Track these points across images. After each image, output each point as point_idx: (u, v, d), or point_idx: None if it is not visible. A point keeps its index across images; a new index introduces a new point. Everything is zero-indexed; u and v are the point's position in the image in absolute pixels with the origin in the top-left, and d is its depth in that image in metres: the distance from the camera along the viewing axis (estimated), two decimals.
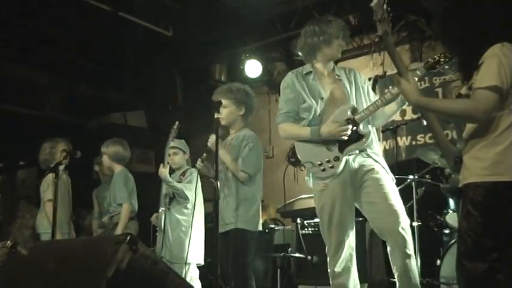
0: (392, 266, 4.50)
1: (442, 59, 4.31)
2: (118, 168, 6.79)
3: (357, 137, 4.54)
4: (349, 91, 4.74)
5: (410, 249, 4.41)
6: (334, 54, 4.80)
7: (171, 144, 6.37)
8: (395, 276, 4.47)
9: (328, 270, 4.63)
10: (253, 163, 5.26)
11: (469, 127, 3.33)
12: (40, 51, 8.87)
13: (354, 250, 4.63)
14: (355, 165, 4.57)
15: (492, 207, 3.12)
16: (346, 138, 4.50)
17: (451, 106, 3.48)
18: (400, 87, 3.63)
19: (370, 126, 4.72)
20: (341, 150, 4.54)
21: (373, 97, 4.77)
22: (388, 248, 4.50)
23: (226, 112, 5.34)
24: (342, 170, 4.52)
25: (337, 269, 4.54)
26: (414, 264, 4.45)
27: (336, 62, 5.05)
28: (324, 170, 4.57)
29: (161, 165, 6.19)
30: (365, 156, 4.62)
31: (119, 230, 6.33)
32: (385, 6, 4.20)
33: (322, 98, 4.70)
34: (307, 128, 4.65)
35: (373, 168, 4.56)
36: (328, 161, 4.55)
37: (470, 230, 3.16)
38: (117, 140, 6.89)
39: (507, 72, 3.11)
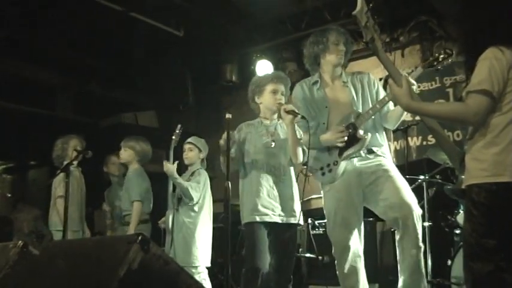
0: (398, 256, 4.50)
1: (441, 56, 4.34)
2: (135, 165, 6.78)
3: (355, 141, 4.59)
4: (355, 97, 4.79)
5: (420, 240, 4.42)
6: (335, 61, 4.85)
7: (188, 139, 6.40)
8: (401, 267, 4.46)
9: (337, 272, 4.65)
10: None
11: (471, 129, 3.35)
12: (51, 50, 8.91)
13: (361, 251, 4.66)
14: (362, 166, 4.63)
15: (493, 208, 3.13)
16: (341, 145, 4.57)
17: (442, 110, 3.54)
18: (391, 91, 3.67)
19: (376, 129, 4.77)
20: (340, 154, 4.61)
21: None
22: (397, 237, 4.50)
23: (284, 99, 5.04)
24: (342, 173, 4.60)
25: (345, 270, 4.58)
26: (422, 257, 4.45)
27: (347, 64, 5.08)
28: (323, 174, 4.70)
29: (165, 161, 6.16)
30: (371, 157, 4.67)
31: (131, 230, 6.32)
32: (368, 14, 4.23)
33: (327, 107, 4.78)
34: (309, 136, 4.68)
35: (380, 163, 4.62)
36: (328, 165, 4.64)
37: (473, 231, 3.18)
38: (145, 139, 6.91)
39: (498, 76, 3.13)
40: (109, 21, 8.20)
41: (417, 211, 4.44)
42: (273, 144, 4.90)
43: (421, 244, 4.42)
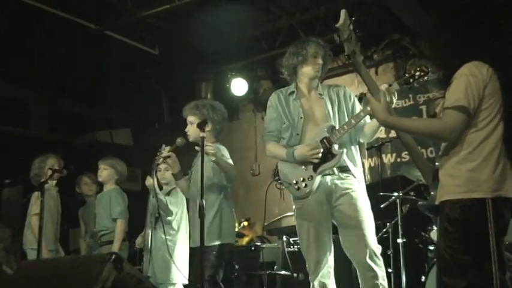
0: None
1: (417, 73, 4.32)
2: (113, 185, 6.73)
3: (330, 156, 4.57)
4: (330, 110, 4.76)
5: (379, 278, 4.46)
6: (312, 73, 4.83)
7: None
8: None
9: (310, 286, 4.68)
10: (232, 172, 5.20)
11: (444, 145, 3.36)
12: (25, 68, 8.87)
13: (331, 267, 4.67)
14: (333, 185, 4.60)
15: (468, 224, 3.14)
16: (316, 161, 4.55)
17: (419, 125, 3.52)
18: (370, 106, 3.66)
19: (351, 144, 4.77)
20: (315, 169, 4.58)
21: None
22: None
23: (192, 129, 5.40)
24: (316, 189, 4.58)
25: (317, 286, 4.60)
26: None
27: (322, 81, 5.09)
28: (298, 189, 4.64)
29: (148, 176, 6.13)
30: (344, 177, 4.64)
31: (115, 248, 6.28)
32: (351, 27, 4.26)
33: (301, 118, 4.76)
34: (284, 148, 4.72)
35: (349, 192, 4.59)
36: (303, 180, 4.61)
37: (448, 247, 3.19)
38: (120, 160, 6.89)
39: (474, 92, 3.14)
40: (84, 39, 8.20)
41: (374, 250, 4.49)
42: (191, 176, 5.40)
43: (377, 281, 4.45)
